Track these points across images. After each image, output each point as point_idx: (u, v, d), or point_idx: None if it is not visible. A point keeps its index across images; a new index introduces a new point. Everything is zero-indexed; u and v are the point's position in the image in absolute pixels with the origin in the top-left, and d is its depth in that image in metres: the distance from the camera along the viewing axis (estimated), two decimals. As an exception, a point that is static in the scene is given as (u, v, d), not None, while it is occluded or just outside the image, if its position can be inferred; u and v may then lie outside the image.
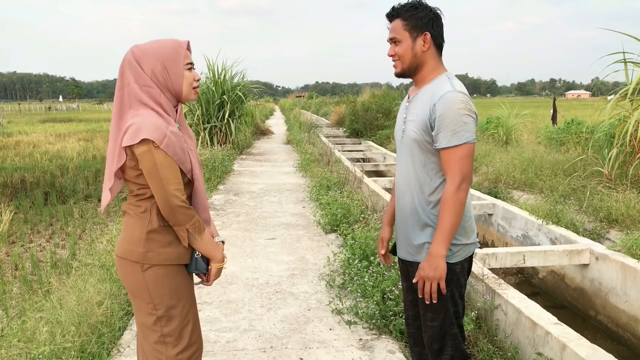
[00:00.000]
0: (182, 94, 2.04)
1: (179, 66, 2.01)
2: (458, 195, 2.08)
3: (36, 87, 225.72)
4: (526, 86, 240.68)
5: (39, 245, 6.99)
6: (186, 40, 2.07)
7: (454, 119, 2.04)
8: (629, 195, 6.08)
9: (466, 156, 2.07)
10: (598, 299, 5.13)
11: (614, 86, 8.97)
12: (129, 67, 1.98)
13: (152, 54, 1.98)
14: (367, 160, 14.10)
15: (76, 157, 13.14)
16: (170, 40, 2.04)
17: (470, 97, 2.13)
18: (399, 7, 2.16)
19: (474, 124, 2.09)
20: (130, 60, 1.98)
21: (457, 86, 2.10)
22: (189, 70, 2.05)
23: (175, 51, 2.01)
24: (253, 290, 4.38)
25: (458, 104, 2.05)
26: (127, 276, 2.05)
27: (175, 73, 2.00)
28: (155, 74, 1.97)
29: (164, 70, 1.98)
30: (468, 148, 2.07)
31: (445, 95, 2.07)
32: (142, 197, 2.00)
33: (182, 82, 2.02)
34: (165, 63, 1.98)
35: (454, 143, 2.06)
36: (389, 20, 2.20)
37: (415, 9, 2.13)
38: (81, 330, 3.22)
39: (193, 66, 2.08)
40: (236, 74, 14.87)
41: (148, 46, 2.01)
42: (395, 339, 3.47)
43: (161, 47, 2.00)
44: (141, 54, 1.98)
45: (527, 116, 14.73)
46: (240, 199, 8.24)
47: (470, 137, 2.07)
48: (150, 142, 1.87)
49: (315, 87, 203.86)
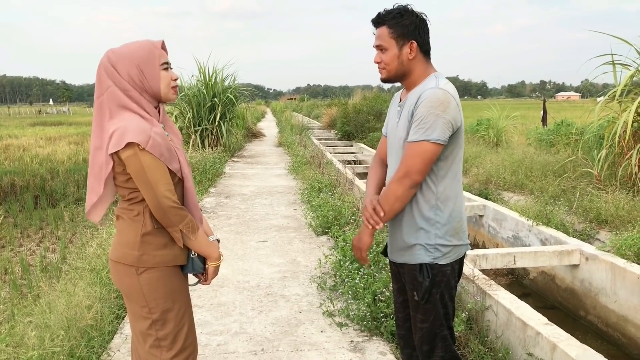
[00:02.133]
0: (161, 95, 2.03)
1: (155, 67, 1.99)
2: (395, 187, 2.09)
3: (26, 91, 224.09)
4: (516, 88, 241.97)
5: (29, 249, 6.94)
6: (160, 39, 2.05)
7: (424, 115, 2.03)
8: (618, 196, 6.13)
9: (420, 154, 2.03)
10: (588, 299, 5.17)
11: (604, 88, 9.04)
12: (105, 72, 1.97)
13: (126, 58, 1.97)
14: (359, 163, 14.12)
15: (66, 161, 13.08)
16: (144, 41, 2.03)
17: (455, 96, 2.09)
18: (384, 14, 2.14)
19: (444, 123, 2.03)
20: (106, 66, 1.97)
21: (441, 84, 2.09)
22: (165, 70, 2.03)
23: (150, 52, 1.99)
24: (244, 293, 4.37)
25: (433, 101, 2.03)
26: (122, 280, 2.03)
27: (151, 74, 1.99)
28: (132, 77, 1.96)
29: (140, 72, 1.97)
30: (426, 146, 2.03)
31: (425, 92, 2.06)
32: (134, 201, 1.99)
33: (159, 82, 2.00)
34: (141, 65, 1.97)
35: (414, 138, 2.05)
36: (374, 27, 2.19)
37: (401, 16, 2.11)
38: (70, 335, 3.19)
39: (169, 65, 2.07)
40: (227, 77, 14.85)
41: (123, 50, 2.00)
42: (386, 341, 3.47)
43: (135, 49, 1.99)
44: (116, 59, 1.97)
45: (517, 118, 14.84)
46: (231, 202, 8.22)
47: (432, 135, 2.02)
48: (135, 145, 1.85)
49: (307, 90, 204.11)
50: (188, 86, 13.90)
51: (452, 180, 2.17)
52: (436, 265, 2.16)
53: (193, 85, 14.05)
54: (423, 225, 2.16)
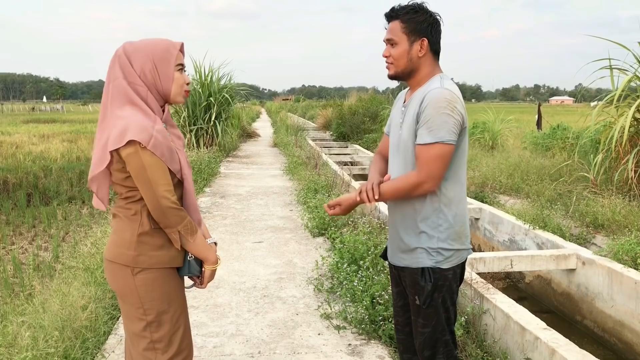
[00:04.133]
0: (170, 96, 2.00)
1: (170, 67, 1.97)
2: (411, 186, 2.06)
3: (19, 88, 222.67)
4: (511, 92, 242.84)
5: (21, 247, 6.87)
6: (180, 41, 2.03)
7: (433, 116, 2.00)
8: (615, 201, 6.13)
9: (438, 156, 2.01)
10: (584, 303, 5.16)
11: (597, 93, 9.08)
12: (118, 62, 1.95)
13: (143, 52, 1.95)
14: (355, 164, 14.10)
15: (60, 158, 12.98)
16: (163, 40, 2.01)
17: (460, 97, 2.08)
18: (398, 9, 2.12)
19: (454, 124, 2.01)
20: (120, 56, 1.95)
21: (446, 84, 2.07)
22: (179, 72, 2.01)
23: (168, 52, 1.97)
24: (240, 295, 4.33)
25: (441, 102, 2.00)
26: (117, 280, 2.00)
27: (165, 74, 1.97)
28: (145, 72, 1.94)
29: (154, 69, 1.94)
30: (441, 148, 2.01)
31: (432, 92, 2.03)
32: (132, 200, 1.95)
33: (171, 83, 1.98)
34: (156, 62, 1.95)
35: (427, 140, 2.02)
36: (387, 21, 2.17)
37: (415, 12, 2.09)
38: (65, 335, 3.14)
39: (184, 68, 2.05)
40: (223, 76, 14.81)
41: (141, 44, 1.97)
42: (384, 344, 3.44)
43: (153, 45, 1.97)
44: (132, 51, 1.95)
45: (512, 121, 14.85)
46: (226, 202, 8.18)
47: (445, 136, 2.00)
48: (136, 143, 1.82)
49: (302, 91, 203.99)
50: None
51: (455, 183, 2.15)
52: (438, 269, 2.13)
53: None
54: (425, 228, 2.13)
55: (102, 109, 1.96)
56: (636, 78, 6.97)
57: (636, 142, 6.82)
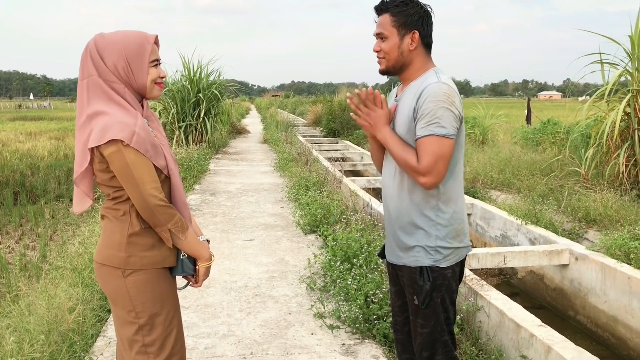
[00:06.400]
0: (146, 91, 1.93)
1: (144, 63, 1.88)
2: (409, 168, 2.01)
3: (6, 85, 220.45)
4: (499, 87, 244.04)
5: (8, 246, 6.75)
6: (154, 34, 1.94)
7: (431, 110, 1.96)
8: (606, 195, 6.13)
9: (437, 150, 1.96)
10: (577, 299, 5.15)
11: (586, 88, 9.08)
12: (90, 57, 1.86)
13: (115, 47, 1.86)
14: (345, 160, 14.05)
15: (47, 156, 12.80)
16: (137, 33, 1.91)
17: (457, 92, 2.04)
18: (388, 1, 2.06)
19: (452, 118, 1.97)
20: (92, 50, 1.86)
21: (443, 78, 2.02)
22: (154, 67, 1.92)
23: (141, 47, 1.88)
24: (231, 294, 4.26)
25: (439, 96, 1.96)
26: (108, 283, 1.93)
27: (139, 70, 1.88)
28: (118, 69, 1.85)
29: (127, 66, 1.86)
30: (439, 141, 1.96)
31: (429, 87, 1.99)
32: (119, 200, 1.89)
33: (146, 79, 1.90)
34: (129, 59, 1.86)
35: (424, 133, 1.97)
36: (377, 14, 2.11)
37: (406, 5, 2.04)
38: (51, 339, 3.06)
39: (159, 62, 1.96)
40: (212, 72, 14.68)
41: (113, 38, 1.88)
42: (379, 344, 3.39)
43: (126, 40, 1.87)
44: (104, 45, 1.86)
45: (501, 116, 14.86)
46: (216, 199, 8.09)
47: (443, 130, 1.96)
48: (119, 141, 1.75)
49: (292, 86, 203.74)
50: (172, 81, 13.71)
51: (453, 181, 2.11)
52: (437, 268, 2.09)
53: (177, 81, 13.87)
54: (423, 226, 2.09)
55: (79, 107, 1.87)
56: (627, 72, 6.96)
57: (627, 136, 6.82)
